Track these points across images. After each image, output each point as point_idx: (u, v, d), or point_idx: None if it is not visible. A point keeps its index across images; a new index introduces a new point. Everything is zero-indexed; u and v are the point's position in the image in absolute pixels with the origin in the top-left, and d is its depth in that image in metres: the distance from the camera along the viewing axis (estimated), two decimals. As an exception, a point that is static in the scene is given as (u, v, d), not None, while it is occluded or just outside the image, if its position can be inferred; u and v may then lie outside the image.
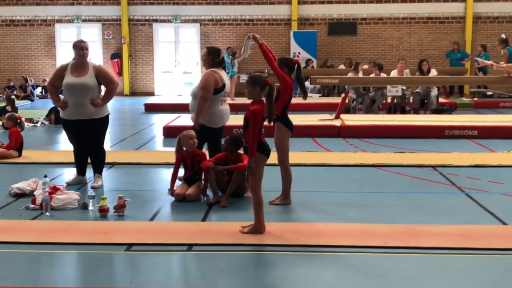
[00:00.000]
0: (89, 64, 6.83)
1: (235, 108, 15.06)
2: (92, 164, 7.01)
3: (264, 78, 5.17)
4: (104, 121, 6.92)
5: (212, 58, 6.83)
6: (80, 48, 6.82)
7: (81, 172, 7.07)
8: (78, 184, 6.98)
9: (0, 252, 4.73)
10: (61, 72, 6.86)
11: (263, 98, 5.16)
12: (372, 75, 14.09)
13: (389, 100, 14.11)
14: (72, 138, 7.00)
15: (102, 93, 6.95)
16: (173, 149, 6.73)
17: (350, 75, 14.62)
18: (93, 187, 6.63)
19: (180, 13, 20.70)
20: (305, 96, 6.43)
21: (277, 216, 5.78)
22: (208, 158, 6.60)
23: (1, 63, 20.91)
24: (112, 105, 16.66)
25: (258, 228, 5.09)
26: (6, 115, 9.31)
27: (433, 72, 14.12)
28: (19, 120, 8.99)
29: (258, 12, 20.56)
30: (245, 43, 6.30)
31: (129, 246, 4.86)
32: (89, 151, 6.98)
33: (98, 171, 6.97)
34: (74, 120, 6.81)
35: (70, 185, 6.82)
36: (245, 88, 5.26)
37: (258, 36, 6.15)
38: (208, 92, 6.67)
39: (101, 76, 6.80)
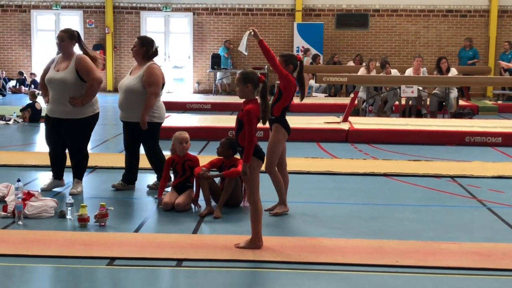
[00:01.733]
0: (73, 57, 6.83)
1: (231, 108, 15.15)
2: (72, 168, 7.02)
3: (257, 75, 5.20)
4: (86, 122, 6.88)
5: (146, 49, 6.92)
6: (56, 38, 6.93)
7: (57, 175, 7.08)
8: (54, 189, 6.98)
9: (-33, 265, 4.74)
10: (48, 65, 6.98)
11: (257, 97, 5.18)
12: (382, 74, 14.12)
13: (403, 101, 14.15)
14: (49, 137, 7.02)
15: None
16: (165, 152, 6.74)
17: (361, 73, 14.66)
18: (71, 194, 6.64)
19: (171, 1, 20.75)
20: (302, 97, 6.46)
21: (277, 229, 5.80)
22: (198, 162, 6.62)
23: (-31, 52, 20.94)
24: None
25: (255, 241, 5.11)
26: None
27: (453, 72, 14.17)
28: None
29: (258, 1, 20.62)
30: (243, 38, 6.31)
31: (111, 260, 4.87)
32: (70, 153, 6.99)
33: (77, 176, 6.99)
34: (53, 117, 6.85)
35: (45, 190, 6.82)
36: (236, 86, 5.28)
37: (257, 31, 6.17)
38: (158, 88, 6.90)
39: (80, 70, 6.76)
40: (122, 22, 20.91)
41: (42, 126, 12.34)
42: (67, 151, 7.02)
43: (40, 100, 13.66)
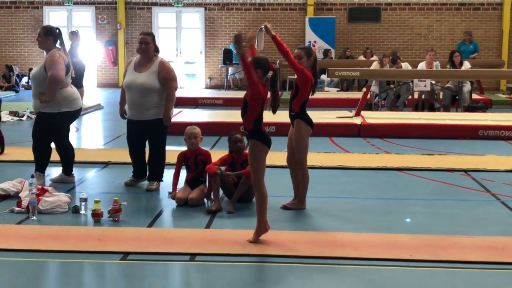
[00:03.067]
0: (48, 53, 6.97)
1: (241, 103, 15.11)
2: (34, 160, 7.18)
3: (268, 62, 5.19)
4: (52, 118, 6.94)
5: (155, 45, 6.97)
6: (38, 35, 7.07)
7: (40, 169, 7.16)
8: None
9: (-18, 260, 4.78)
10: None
11: (265, 84, 5.17)
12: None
13: (416, 95, 14.10)
14: (34, 131, 7.21)
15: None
16: (175, 147, 6.76)
17: (374, 67, 14.61)
18: (31, 183, 6.55)
19: (182, -4, 20.75)
20: (313, 92, 6.44)
21: (290, 224, 5.80)
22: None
23: (-17, 49, 21.06)
24: (105, 98, 16.82)
25: (261, 226, 5.14)
26: None
27: (466, 65, 14.10)
28: None
29: (270, -4, 20.58)
30: (257, 35, 6.28)
31: (125, 254, 4.89)
32: (32, 146, 7.17)
33: (38, 169, 7.07)
34: (35, 112, 7.17)
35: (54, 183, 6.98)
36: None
37: (270, 26, 6.15)
38: (177, 82, 6.97)
39: (46, 66, 6.88)
40: (134, 18, 20.94)
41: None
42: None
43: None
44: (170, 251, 4.95)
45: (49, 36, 6.95)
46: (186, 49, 21.37)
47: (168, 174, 7.15)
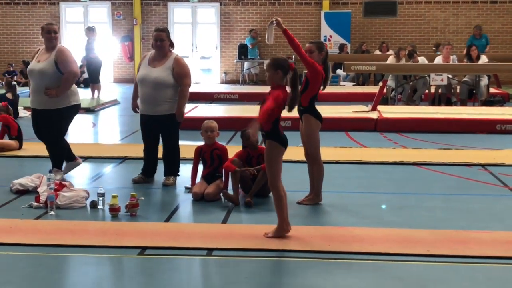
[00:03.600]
0: (55, 49, 6.96)
1: (258, 98, 15.13)
2: (50, 157, 7.17)
3: (288, 62, 5.17)
4: (62, 113, 6.98)
5: (171, 41, 6.96)
6: (47, 31, 6.98)
7: (57, 164, 7.18)
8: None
9: (0, 255, 4.81)
10: (33, 56, 7.11)
11: (286, 85, 5.16)
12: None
13: (432, 90, 14.02)
14: (34, 128, 7.18)
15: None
16: (191, 142, 6.77)
17: (390, 61, 14.54)
18: (49, 178, 6.59)
19: (198, -9, 20.75)
20: (324, 87, 6.40)
21: (306, 219, 5.79)
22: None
23: (0, 45, 21.18)
24: (122, 94, 16.87)
25: (282, 227, 5.12)
26: None
27: (483, 59, 13.98)
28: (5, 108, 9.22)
29: (285, -10, 20.52)
30: (267, 29, 6.27)
31: (143, 249, 4.91)
32: (45, 143, 7.15)
33: (56, 164, 7.08)
34: (33, 108, 7.04)
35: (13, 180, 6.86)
36: (266, 71, 5.26)
37: (280, 20, 6.12)
38: (191, 78, 7.01)
39: (59, 62, 6.89)
40: (149, 14, 20.98)
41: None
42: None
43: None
44: (187, 245, 4.96)
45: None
46: (202, 44, 21.37)
47: (184, 169, 7.17)
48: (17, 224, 5.52)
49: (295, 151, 7.50)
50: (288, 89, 5.18)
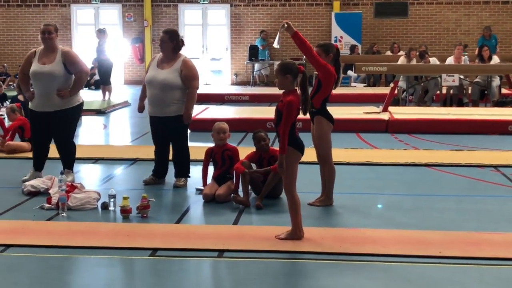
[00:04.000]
0: (58, 50, 6.97)
1: (269, 99, 15.15)
2: (62, 159, 7.18)
3: (296, 65, 5.15)
4: (74, 112, 7.07)
5: (176, 43, 6.94)
6: (42, 31, 6.95)
7: (39, 167, 7.20)
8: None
9: (13, 256, 4.84)
10: (29, 59, 7.04)
11: (296, 88, 5.15)
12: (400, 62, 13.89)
13: (444, 90, 13.96)
14: (37, 131, 7.16)
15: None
16: (201, 144, 6.78)
17: (401, 62, 14.50)
18: (60, 180, 6.62)
19: (208, -7, 20.78)
20: (335, 87, 6.38)
21: (317, 220, 5.79)
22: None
23: (12, 47, 21.29)
24: (132, 95, 16.92)
25: (296, 233, 5.11)
26: (7, 107, 9.59)
27: (495, 59, 13.92)
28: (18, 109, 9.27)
29: (296, -8, 20.51)
30: (278, 33, 6.22)
31: (154, 250, 4.93)
32: (57, 145, 7.16)
33: (68, 166, 7.11)
34: (40, 112, 6.98)
35: (25, 181, 6.85)
36: (275, 77, 5.24)
37: (291, 23, 6.09)
38: (199, 81, 7.03)
39: (69, 62, 6.93)
40: (160, 15, 21.04)
41: (84, 119, 12.54)
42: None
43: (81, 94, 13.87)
44: (198, 247, 4.97)
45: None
46: (212, 46, 21.41)
47: (194, 170, 7.18)
48: (28, 226, 5.55)
49: (306, 152, 7.45)
50: (298, 91, 5.17)
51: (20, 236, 5.23)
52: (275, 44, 6.30)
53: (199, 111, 12.16)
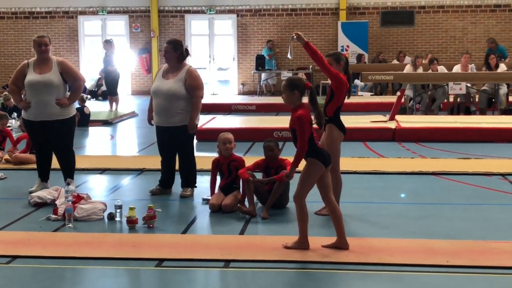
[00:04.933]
0: (52, 60, 7.05)
1: (276, 109, 15.16)
2: (62, 169, 7.21)
3: (303, 81, 5.18)
4: (71, 121, 7.15)
5: (180, 52, 6.94)
6: (39, 44, 7.01)
7: (45, 178, 7.24)
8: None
9: (19, 267, 4.84)
10: (23, 70, 7.08)
11: (304, 102, 5.14)
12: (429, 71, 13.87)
13: (451, 99, 13.93)
14: (36, 140, 7.21)
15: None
16: (209, 154, 6.78)
17: (407, 70, 14.49)
18: (67, 191, 6.63)
19: (215, 3, 20.86)
20: (348, 95, 6.37)
21: (324, 229, 5.77)
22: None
23: (19, 59, 21.37)
24: (139, 106, 16.97)
25: (303, 242, 5.10)
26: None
27: (502, 67, 13.89)
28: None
29: (302, 1, 20.56)
30: (289, 45, 6.23)
31: (160, 261, 4.92)
32: (57, 154, 7.19)
33: (69, 175, 7.10)
34: (38, 121, 7.00)
35: (32, 193, 6.86)
36: (282, 92, 5.22)
37: (301, 34, 6.10)
38: (203, 90, 7.06)
39: (66, 72, 7.03)
40: (167, 26, 21.12)
41: (91, 130, 12.58)
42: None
43: (88, 105, 13.91)
44: (204, 257, 4.96)
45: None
46: (219, 56, 21.46)
47: (201, 180, 7.18)
48: (35, 237, 5.55)
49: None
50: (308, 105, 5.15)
51: (27, 247, 5.23)
52: (289, 55, 6.33)
53: (206, 121, 12.18)
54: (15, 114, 12.66)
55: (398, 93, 13.08)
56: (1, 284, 4.49)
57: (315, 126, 5.15)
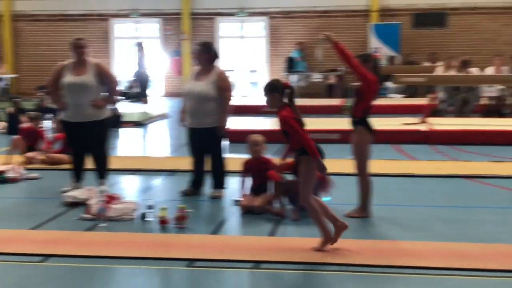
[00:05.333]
0: (89, 62, 7.14)
1: (306, 111, 15.10)
2: (96, 169, 7.30)
3: (281, 83, 5.27)
4: (105, 123, 7.23)
5: (210, 55, 7.01)
6: (75, 46, 7.13)
7: (79, 178, 7.33)
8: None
9: (53, 266, 4.92)
10: (60, 71, 7.18)
11: (285, 101, 5.20)
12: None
13: (484, 101, 13.76)
14: (72, 142, 7.32)
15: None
16: (239, 155, 6.81)
17: (438, 72, 14.35)
18: (100, 191, 6.72)
19: (246, 5, 20.91)
20: (377, 97, 6.33)
21: (355, 232, 5.74)
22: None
23: (53, 60, 21.60)
24: (172, 107, 17.07)
25: (327, 238, 5.12)
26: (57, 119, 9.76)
27: (536, 69, 13.68)
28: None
29: (333, 3, 20.49)
30: (319, 46, 6.24)
31: (191, 261, 4.95)
32: (91, 155, 7.28)
33: (102, 176, 7.24)
34: (74, 122, 7.11)
35: (66, 192, 6.95)
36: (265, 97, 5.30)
37: (330, 34, 6.06)
38: (232, 92, 7.11)
39: (102, 74, 7.16)
40: (198, 28, 21.23)
41: (123, 131, 12.69)
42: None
43: (120, 106, 14.04)
44: (234, 258, 4.98)
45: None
46: (249, 58, 21.50)
47: (232, 182, 7.21)
48: (68, 236, 5.63)
49: (344, 163, 7.46)
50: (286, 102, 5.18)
51: (60, 246, 5.31)
52: (319, 57, 6.34)
53: (236, 123, 12.19)
54: (49, 115, 12.82)
55: (431, 95, 12.98)
56: (36, 282, 4.57)
57: None
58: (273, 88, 5.22)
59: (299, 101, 13.64)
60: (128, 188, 7.75)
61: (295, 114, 5.13)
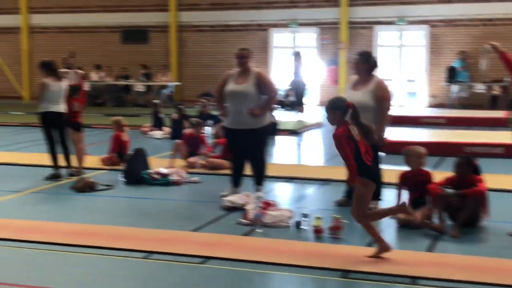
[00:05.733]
0: (251, 72, 7.34)
1: (468, 123, 14.54)
2: (254, 175, 7.43)
3: (344, 101, 5.31)
4: (265, 131, 7.34)
5: (370, 64, 6.96)
6: (239, 56, 7.39)
7: (237, 183, 7.48)
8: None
9: (212, 268, 5.08)
10: (225, 80, 7.45)
11: (347, 120, 5.23)
12: None
13: None
14: (232, 147, 7.54)
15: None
16: (395, 167, 6.68)
17: None
18: (257, 197, 6.86)
19: (406, 14, 20.53)
20: None
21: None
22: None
23: (215, 69, 22.49)
24: (325, 116, 17.10)
25: (383, 246, 5.24)
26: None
27: None
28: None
29: (500, 11, 19.54)
30: (483, 55, 6.01)
31: (345, 272, 4.92)
32: (249, 161, 7.43)
33: (258, 182, 7.35)
34: (234, 129, 7.31)
35: (224, 197, 7.16)
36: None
37: (496, 43, 5.81)
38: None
39: (262, 83, 7.31)
40: (356, 37, 21.13)
41: (278, 139, 12.88)
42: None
43: (276, 114, 14.28)
44: (391, 272, 4.89)
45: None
46: (408, 67, 21.07)
47: (386, 194, 7.09)
48: (227, 239, 5.81)
49: (508, 179, 7.08)
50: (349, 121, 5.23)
51: (219, 249, 5.49)
52: (483, 67, 6.11)
53: (394, 133, 11.98)
54: (210, 122, 13.34)
55: None
56: (195, 283, 4.76)
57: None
58: (336, 107, 5.29)
59: (459, 112, 13.11)
60: (283, 195, 7.86)
61: (350, 133, 5.16)
